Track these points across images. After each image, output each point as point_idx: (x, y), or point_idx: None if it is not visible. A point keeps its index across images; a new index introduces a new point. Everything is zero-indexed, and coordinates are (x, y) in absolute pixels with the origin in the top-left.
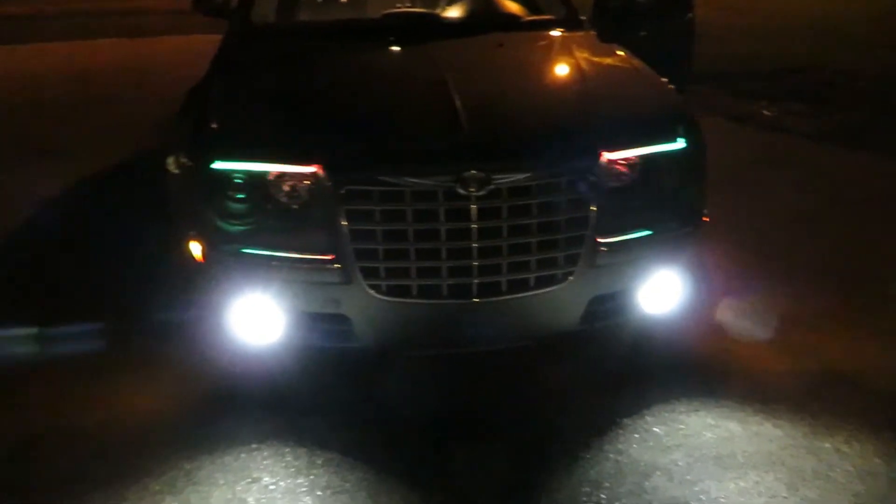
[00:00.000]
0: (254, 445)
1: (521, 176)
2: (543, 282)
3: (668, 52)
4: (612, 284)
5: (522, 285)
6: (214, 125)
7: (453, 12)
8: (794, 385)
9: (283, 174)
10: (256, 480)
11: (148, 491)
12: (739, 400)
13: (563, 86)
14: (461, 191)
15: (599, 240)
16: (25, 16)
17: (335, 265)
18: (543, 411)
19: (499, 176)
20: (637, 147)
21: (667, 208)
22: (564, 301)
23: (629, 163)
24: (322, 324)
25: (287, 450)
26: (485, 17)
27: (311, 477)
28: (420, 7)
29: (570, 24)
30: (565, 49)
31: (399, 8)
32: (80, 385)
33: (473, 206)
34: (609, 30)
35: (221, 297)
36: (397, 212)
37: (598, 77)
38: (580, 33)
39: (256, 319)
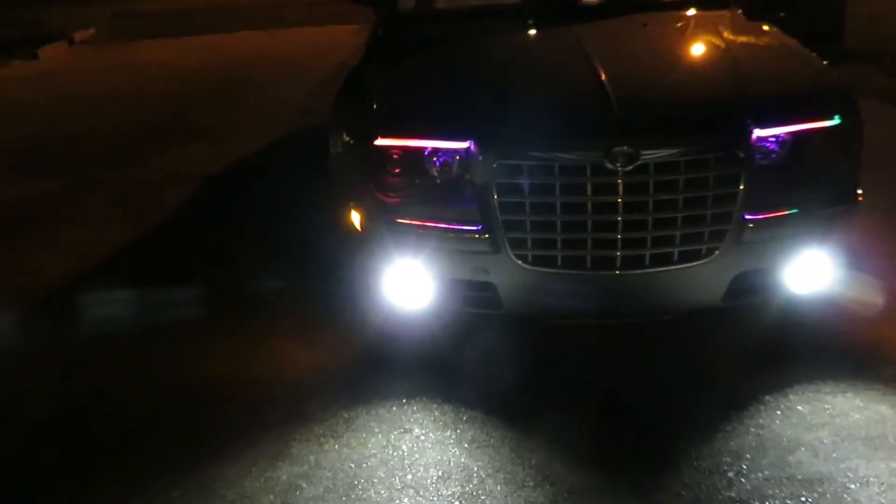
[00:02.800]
0: (404, 400)
1: (669, 152)
2: (687, 257)
3: (817, 29)
4: (757, 262)
5: (666, 259)
6: (376, 106)
7: None
8: None
9: (439, 150)
10: (408, 431)
11: (313, 433)
12: (890, 384)
13: (712, 62)
14: (609, 165)
15: (747, 216)
16: (171, 11)
17: (485, 235)
18: (685, 385)
19: (647, 151)
20: (790, 124)
21: (819, 186)
22: (708, 277)
23: (781, 139)
24: (469, 290)
25: (435, 406)
26: None
27: (458, 431)
28: None
29: (714, 2)
30: (712, 26)
31: None
32: (251, 341)
33: (620, 181)
34: (757, 7)
35: (377, 264)
36: (545, 185)
37: (747, 53)
38: (727, 11)
39: (408, 285)
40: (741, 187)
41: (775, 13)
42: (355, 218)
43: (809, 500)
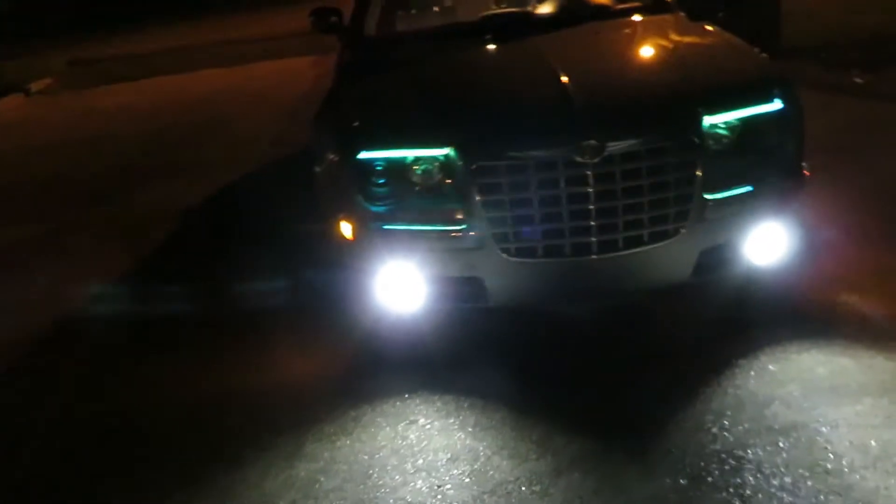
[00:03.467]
0: (406, 395)
1: (631, 142)
2: (656, 237)
3: (756, 27)
4: (720, 237)
5: (637, 241)
6: (355, 122)
7: (545, 9)
8: None
9: (420, 158)
10: (413, 422)
11: (324, 433)
12: (849, 339)
13: (662, 60)
14: (579, 159)
15: (707, 196)
16: (128, 56)
17: (470, 233)
18: (662, 356)
19: (611, 143)
20: (737, 110)
21: (768, 165)
22: (676, 255)
23: (730, 125)
24: (459, 287)
25: (436, 397)
26: (576, 10)
27: (461, 417)
28: (511, 6)
29: (659, 7)
30: (659, 29)
31: (494, 10)
32: (253, 355)
33: (589, 172)
34: (696, 9)
35: (369, 269)
36: (523, 182)
37: (693, 50)
38: (670, 15)
39: (400, 287)
40: (698, 171)
41: (715, 14)
42: (346, 228)
43: (786, 444)
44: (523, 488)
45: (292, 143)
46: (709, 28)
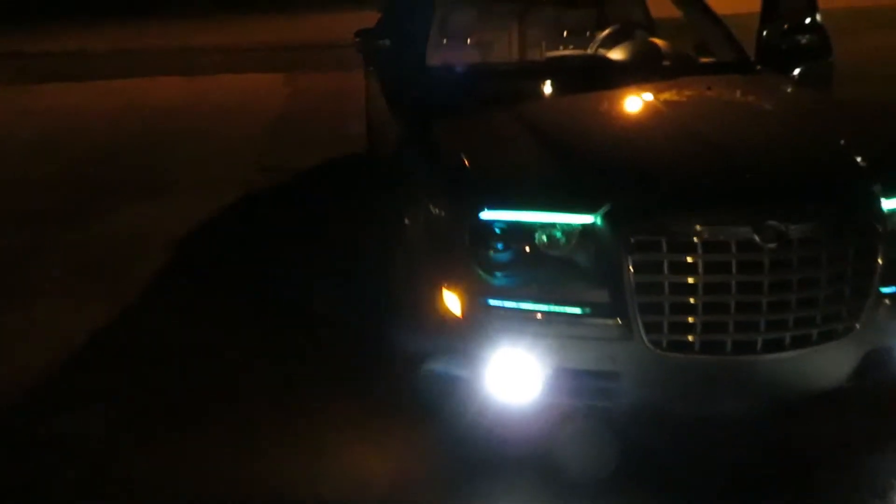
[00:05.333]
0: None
1: (813, 226)
2: (825, 336)
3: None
4: (888, 338)
5: (805, 340)
6: (476, 175)
7: (616, 54)
8: None
9: (556, 224)
10: None
11: None
12: None
13: (811, 130)
14: (758, 241)
15: (883, 291)
16: (63, 53)
17: (615, 319)
18: (814, 468)
19: (793, 226)
20: None
21: None
22: (842, 356)
23: None
24: (590, 381)
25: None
26: (657, 59)
27: None
28: (573, 48)
29: (745, 66)
30: (779, 92)
31: (572, 52)
32: (335, 448)
33: (766, 259)
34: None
35: (480, 353)
36: (687, 263)
37: (836, 120)
38: (769, 75)
39: (516, 376)
40: (879, 260)
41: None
42: (451, 300)
43: None
44: None
45: (277, 167)
46: (817, 94)
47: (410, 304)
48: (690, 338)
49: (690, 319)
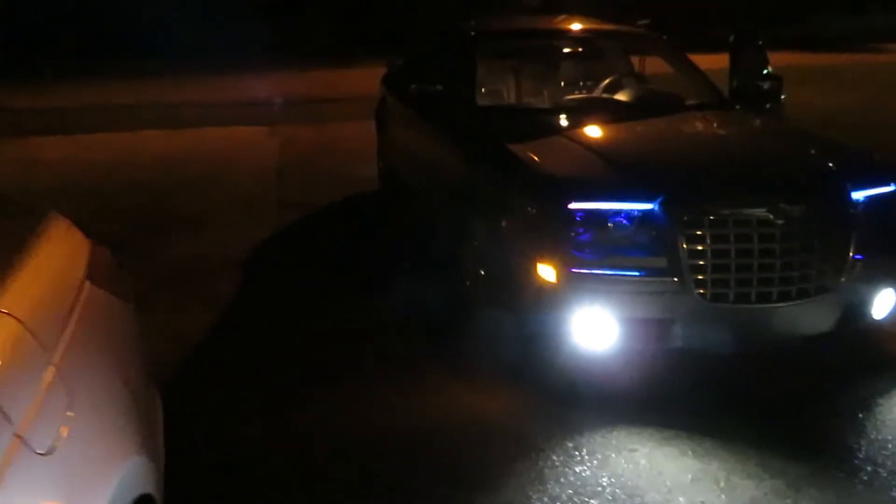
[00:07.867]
0: (611, 427)
1: (810, 207)
2: (819, 290)
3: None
4: (860, 294)
5: (805, 293)
6: (562, 176)
7: (622, 96)
8: None
9: (623, 210)
10: (634, 451)
11: (554, 462)
12: None
13: (792, 146)
14: (772, 218)
15: (855, 258)
16: (47, 109)
17: (673, 278)
18: (815, 395)
19: (796, 207)
20: (876, 188)
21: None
22: (830, 307)
23: (868, 200)
24: (653, 328)
25: (639, 429)
26: (655, 100)
27: (674, 447)
28: (581, 92)
29: (727, 105)
30: (759, 122)
31: (583, 94)
32: (458, 392)
33: (777, 231)
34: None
35: (570, 310)
36: (724, 235)
37: (806, 140)
38: (746, 111)
39: (596, 328)
40: (853, 234)
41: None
42: (546, 271)
43: None
44: (775, 502)
45: (305, 204)
46: (788, 124)
47: (511, 279)
48: (727, 291)
49: (726, 276)
